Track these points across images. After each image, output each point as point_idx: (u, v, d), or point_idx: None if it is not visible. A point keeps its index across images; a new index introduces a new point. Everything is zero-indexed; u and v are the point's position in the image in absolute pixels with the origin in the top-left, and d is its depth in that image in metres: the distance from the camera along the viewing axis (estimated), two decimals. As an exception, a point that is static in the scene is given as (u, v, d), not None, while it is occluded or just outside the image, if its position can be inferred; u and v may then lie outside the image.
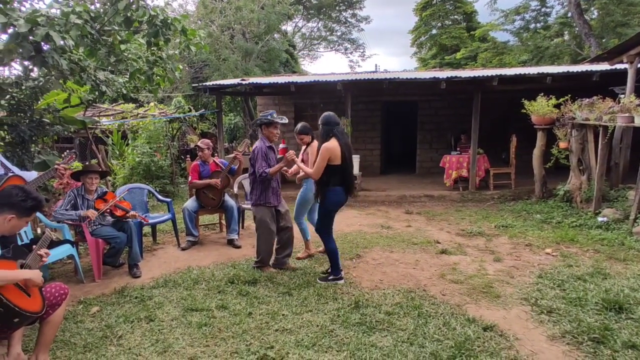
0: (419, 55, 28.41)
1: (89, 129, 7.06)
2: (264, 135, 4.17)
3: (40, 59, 3.09)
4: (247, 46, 14.57)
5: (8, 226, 2.30)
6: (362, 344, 2.81)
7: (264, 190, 4.10)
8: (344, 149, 3.74)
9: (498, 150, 9.33)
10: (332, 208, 3.90)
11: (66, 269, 4.53)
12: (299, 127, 4.42)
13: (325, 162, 3.68)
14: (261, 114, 4.15)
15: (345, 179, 3.82)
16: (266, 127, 4.12)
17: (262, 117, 4.12)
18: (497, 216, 6.51)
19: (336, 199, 3.84)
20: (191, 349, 2.80)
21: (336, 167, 3.72)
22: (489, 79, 7.38)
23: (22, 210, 2.31)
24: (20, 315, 2.16)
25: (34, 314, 2.25)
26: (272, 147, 4.20)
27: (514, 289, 3.71)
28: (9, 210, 2.27)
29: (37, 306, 2.30)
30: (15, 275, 2.15)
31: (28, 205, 2.32)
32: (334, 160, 3.70)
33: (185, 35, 4.07)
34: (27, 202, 2.31)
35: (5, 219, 2.27)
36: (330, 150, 3.67)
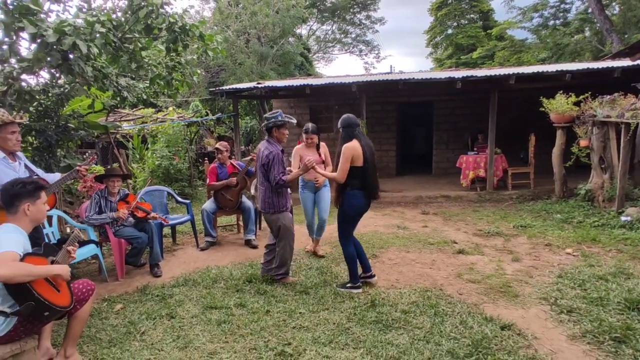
0: (435, 56, 28.18)
1: (110, 134, 7.29)
2: (274, 137, 3.84)
3: (67, 66, 3.24)
4: (263, 50, 14.76)
5: (32, 215, 2.37)
6: (379, 341, 2.83)
7: (282, 195, 3.84)
8: (366, 149, 3.57)
9: (516, 149, 9.17)
10: (352, 213, 3.69)
11: (90, 268, 4.69)
12: (311, 127, 4.43)
13: (349, 164, 3.51)
14: (268, 114, 3.86)
15: (365, 183, 3.61)
16: (277, 129, 3.82)
17: (274, 119, 3.79)
18: (515, 216, 6.41)
19: (356, 203, 3.63)
20: (211, 345, 2.87)
21: (357, 169, 3.55)
22: (506, 77, 7.28)
23: (29, 194, 2.35)
24: (50, 309, 2.26)
25: (63, 308, 2.35)
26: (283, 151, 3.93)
27: (532, 289, 3.66)
28: (20, 201, 2.33)
29: (66, 301, 2.41)
30: (46, 270, 2.25)
31: (30, 188, 2.37)
32: (356, 161, 3.53)
33: (203, 41, 4.19)
34: (27, 187, 2.36)
35: (24, 211, 2.34)
36: (352, 150, 3.51)
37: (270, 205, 3.82)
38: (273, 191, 3.78)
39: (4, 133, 2.97)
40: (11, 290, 2.16)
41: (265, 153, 3.71)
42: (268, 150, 3.72)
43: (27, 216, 2.35)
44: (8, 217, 2.35)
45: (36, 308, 2.19)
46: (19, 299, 2.17)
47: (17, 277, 2.07)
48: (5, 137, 2.98)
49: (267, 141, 3.85)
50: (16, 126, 3.06)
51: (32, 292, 2.17)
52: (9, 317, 2.24)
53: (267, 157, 3.69)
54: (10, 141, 3.01)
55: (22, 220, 2.35)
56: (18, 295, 2.17)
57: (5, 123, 2.97)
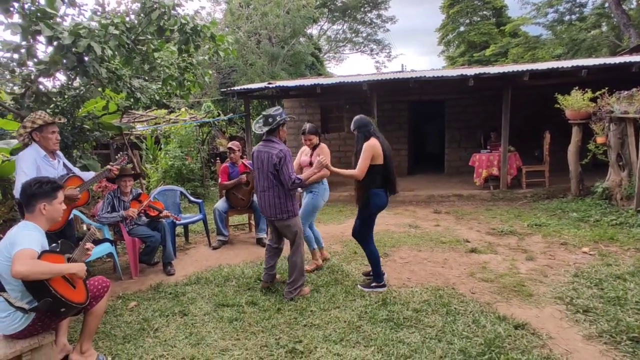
0: (447, 54, 27.94)
1: (124, 135, 7.41)
2: (278, 137, 3.58)
3: (82, 68, 3.31)
4: (273, 51, 14.83)
5: (48, 215, 2.42)
6: (390, 339, 2.82)
7: (294, 197, 3.60)
8: (385, 147, 3.57)
9: (531, 147, 9.02)
10: (375, 211, 3.68)
11: (106, 266, 4.78)
12: (308, 128, 4.16)
13: (369, 161, 3.50)
14: (271, 112, 3.56)
15: (387, 180, 3.63)
16: (281, 128, 3.61)
17: (280, 117, 3.54)
18: (530, 215, 6.31)
19: (380, 202, 3.63)
20: (223, 342, 2.90)
21: (378, 167, 3.54)
22: (519, 74, 7.17)
23: (45, 194, 2.41)
24: (67, 305, 2.31)
25: (79, 305, 2.40)
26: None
27: (547, 288, 3.60)
28: (36, 201, 2.39)
29: (82, 297, 2.46)
30: (62, 268, 2.30)
31: (46, 188, 2.42)
32: (376, 159, 3.52)
33: (214, 41, 4.23)
34: (44, 187, 2.41)
35: (41, 210, 2.39)
36: (374, 148, 3.49)
37: (283, 210, 3.51)
38: (286, 194, 3.50)
39: (46, 133, 3.18)
40: (29, 287, 2.22)
41: (274, 152, 3.42)
42: (276, 149, 3.44)
43: (44, 215, 2.41)
44: (26, 216, 2.42)
45: (53, 304, 2.25)
46: (37, 295, 2.23)
47: (34, 275, 2.13)
48: (46, 136, 3.19)
49: (270, 140, 3.53)
50: (55, 127, 3.27)
51: (49, 288, 2.22)
52: (28, 313, 2.30)
53: (277, 156, 3.41)
54: (51, 140, 3.23)
55: (39, 219, 2.41)
56: (36, 292, 2.23)
57: (47, 123, 3.18)
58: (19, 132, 3.14)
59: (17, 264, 2.09)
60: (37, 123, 3.11)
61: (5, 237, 2.36)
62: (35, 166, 3.09)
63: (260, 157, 3.53)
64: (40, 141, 3.16)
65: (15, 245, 2.20)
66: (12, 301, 2.24)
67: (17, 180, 3.02)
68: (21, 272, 2.07)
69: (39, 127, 3.13)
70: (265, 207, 3.59)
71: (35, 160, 3.10)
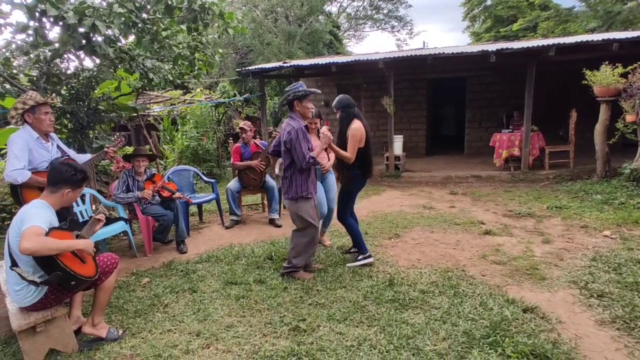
0: (472, 30, 26.77)
1: (141, 116, 7.52)
2: (296, 112, 3.42)
3: (89, 48, 3.33)
4: (290, 29, 14.59)
5: (66, 199, 2.56)
6: (394, 320, 2.80)
7: (305, 180, 3.41)
8: (367, 130, 3.68)
9: (555, 127, 8.65)
10: (355, 191, 3.84)
11: (122, 244, 4.93)
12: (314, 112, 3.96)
13: (358, 144, 3.57)
14: (289, 87, 3.47)
15: (365, 162, 3.70)
16: (299, 102, 3.39)
17: (294, 91, 3.38)
18: (550, 197, 6.09)
19: (359, 183, 3.80)
20: (228, 318, 2.96)
21: (359, 149, 3.62)
22: (545, 49, 6.79)
23: (74, 183, 2.55)
24: (76, 278, 2.39)
25: (89, 278, 2.49)
26: (307, 127, 3.56)
27: (562, 272, 3.49)
28: (64, 185, 2.52)
29: (91, 271, 2.54)
30: (69, 245, 2.37)
31: (79, 177, 2.57)
32: (361, 142, 3.60)
33: (223, 19, 4.16)
34: (77, 175, 2.55)
35: (63, 194, 2.53)
36: (360, 131, 3.58)
37: (290, 190, 3.40)
38: (298, 174, 3.36)
39: (38, 114, 3.11)
40: (39, 262, 2.31)
41: (287, 129, 3.28)
42: (290, 126, 3.29)
43: (63, 199, 2.53)
44: (46, 194, 2.51)
45: (63, 277, 2.33)
46: (47, 270, 2.32)
47: (41, 251, 2.21)
48: (39, 117, 3.12)
49: (289, 117, 3.44)
50: (48, 107, 3.19)
51: (58, 263, 2.30)
52: (40, 287, 2.40)
53: (288, 133, 3.24)
54: (45, 122, 3.15)
55: (56, 200, 2.52)
56: (46, 266, 2.31)
57: (39, 104, 3.11)
58: (11, 114, 3.06)
59: (24, 241, 2.16)
60: (28, 104, 3.04)
61: (17, 214, 2.44)
62: (28, 149, 3.03)
63: (281, 133, 3.46)
64: (33, 123, 3.08)
65: (24, 221, 2.28)
66: (24, 275, 2.34)
67: (8, 164, 2.99)
68: (28, 249, 2.15)
69: (31, 108, 3.05)
70: (286, 187, 3.45)
71: (27, 142, 3.04)
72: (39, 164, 3.15)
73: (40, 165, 3.16)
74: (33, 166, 3.12)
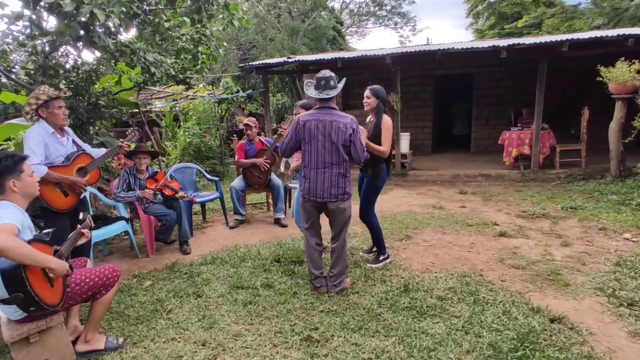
0: (475, 27, 26.51)
1: (143, 112, 7.32)
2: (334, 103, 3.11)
3: (88, 38, 3.15)
4: (294, 25, 14.36)
5: (20, 191, 2.24)
6: (412, 329, 2.63)
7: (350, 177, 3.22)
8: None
9: (566, 125, 8.44)
10: (382, 186, 3.69)
11: (123, 244, 4.76)
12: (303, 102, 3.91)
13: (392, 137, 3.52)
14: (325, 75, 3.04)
15: (390, 157, 3.65)
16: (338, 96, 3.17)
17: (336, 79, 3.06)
18: (564, 197, 5.91)
19: (385, 177, 3.66)
20: (236, 326, 2.79)
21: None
22: (558, 44, 6.58)
23: (10, 170, 2.20)
24: (38, 305, 2.09)
25: (51, 307, 2.16)
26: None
27: (586, 278, 3.31)
28: (4, 178, 2.19)
29: (56, 299, 2.22)
30: (44, 259, 2.07)
31: (9, 163, 2.21)
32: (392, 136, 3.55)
33: (227, 10, 3.98)
34: (5, 162, 2.20)
35: (11, 188, 2.20)
36: (392, 124, 3.51)
37: (345, 191, 3.06)
38: (349, 172, 3.09)
39: (52, 108, 3.04)
40: (5, 276, 2.01)
41: (346, 121, 2.95)
42: (346, 117, 2.99)
43: (16, 192, 2.22)
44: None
45: (24, 300, 2.04)
46: (11, 287, 2.02)
47: (11, 252, 1.90)
48: (53, 112, 3.05)
49: (330, 107, 3.02)
50: (61, 101, 3.12)
51: (25, 283, 2.01)
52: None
53: (351, 125, 2.95)
54: (59, 116, 3.09)
55: (14, 197, 2.21)
56: (11, 283, 2.02)
57: (52, 98, 3.03)
58: (25, 110, 3.01)
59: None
60: (41, 99, 2.97)
61: None
62: (44, 144, 2.98)
63: (319, 127, 2.96)
64: (47, 117, 3.03)
65: None
66: None
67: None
68: (1, 245, 1.86)
69: (45, 103, 2.99)
70: (320, 187, 3.01)
71: (43, 137, 2.98)
72: (55, 159, 3.10)
73: (57, 160, 3.11)
74: (49, 161, 3.06)
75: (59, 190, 3.09)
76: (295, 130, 3.06)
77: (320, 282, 3.23)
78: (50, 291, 2.19)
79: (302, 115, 3.08)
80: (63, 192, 3.11)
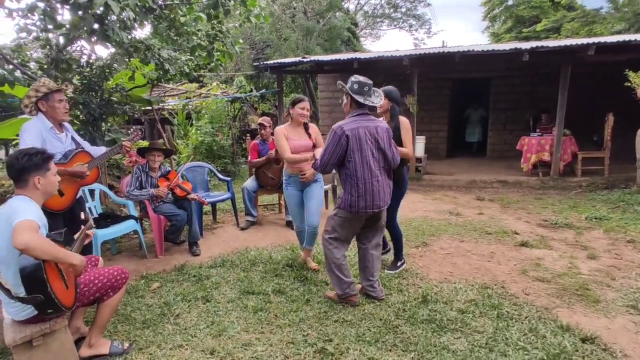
0: (492, 30, 26.13)
1: (156, 110, 7.29)
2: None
3: (102, 32, 3.07)
4: (309, 25, 14.27)
5: (43, 188, 2.18)
6: (432, 345, 2.48)
7: None
8: None
9: (587, 131, 8.18)
10: (405, 190, 3.59)
11: (132, 243, 4.68)
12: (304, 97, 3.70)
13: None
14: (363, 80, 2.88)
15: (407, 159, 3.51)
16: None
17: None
18: (587, 206, 5.68)
19: (407, 181, 3.61)
20: (246, 334, 2.66)
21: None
22: (583, 47, 6.35)
23: (37, 166, 2.15)
24: (56, 307, 2.01)
25: (67, 309, 2.09)
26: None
27: (617, 294, 3.11)
28: (29, 174, 2.13)
29: (70, 300, 2.14)
30: (67, 255, 2.03)
31: (38, 159, 2.16)
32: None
33: (244, 6, 3.87)
34: (35, 158, 2.15)
35: (35, 184, 2.15)
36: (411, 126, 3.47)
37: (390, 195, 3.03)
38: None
39: (52, 102, 2.92)
40: (26, 276, 1.92)
41: (385, 124, 2.95)
42: (382, 120, 3.01)
43: (39, 190, 2.16)
44: (18, 192, 2.15)
45: (43, 303, 1.96)
46: (32, 288, 1.94)
47: (36, 250, 1.85)
48: (53, 105, 2.93)
49: (368, 114, 2.92)
50: (62, 94, 3.01)
51: (46, 285, 1.94)
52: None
53: (389, 128, 2.97)
54: (59, 109, 2.96)
55: (34, 194, 2.15)
56: (31, 283, 1.94)
57: (52, 91, 2.91)
58: (24, 102, 2.88)
59: (20, 234, 1.83)
60: (41, 91, 2.84)
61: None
62: (41, 139, 2.84)
63: (367, 135, 2.81)
64: (47, 111, 2.90)
65: (15, 215, 1.93)
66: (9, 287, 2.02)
67: None
68: (25, 242, 1.82)
69: (45, 96, 2.86)
70: (377, 197, 2.87)
71: (40, 132, 2.85)
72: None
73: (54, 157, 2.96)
74: None
75: None
76: (339, 142, 2.78)
77: (354, 289, 3.05)
78: (66, 292, 2.11)
79: (344, 125, 2.80)
80: (59, 191, 3.01)
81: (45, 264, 1.97)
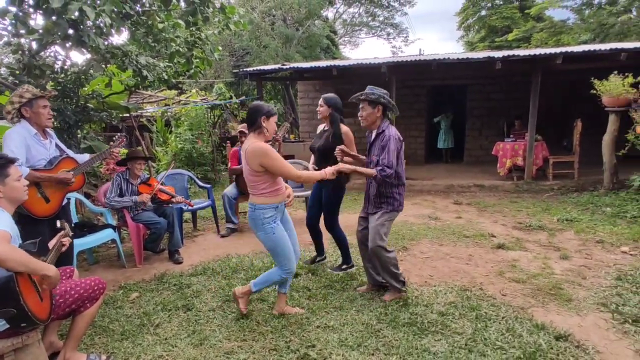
0: (466, 39, 26.92)
1: (134, 117, 7.16)
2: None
3: (77, 37, 3.01)
4: (288, 32, 14.35)
5: (6, 196, 2.08)
6: (414, 347, 2.51)
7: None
8: None
9: (558, 136, 8.51)
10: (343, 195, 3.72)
11: (110, 253, 4.57)
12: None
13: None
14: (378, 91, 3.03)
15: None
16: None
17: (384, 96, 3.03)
18: (559, 209, 5.89)
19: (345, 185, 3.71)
20: (228, 343, 2.63)
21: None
22: (552, 56, 6.64)
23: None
24: (30, 321, 1.93)
25: (41, 322, 2.00)
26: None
27: (587, 292, 3.24)
28: None
29: (45, 313, 2.05)
30: (41, 266, 1.96)
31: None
32: None
33: (224, 13, 3.88)
34: None
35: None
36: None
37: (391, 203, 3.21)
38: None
39: (36, 108, 2.88)
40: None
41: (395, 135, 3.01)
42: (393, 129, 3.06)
43: (2, 198, 2.07)
44: None
45: (15, 317, 1.88)
46: (2, 302, 1.86)
47: (9, 262, 1.78)
48: (37, 111, 2.89)
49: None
50: (46, 100, 2.97)
51: (19, 298, 1.86)
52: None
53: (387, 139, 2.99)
54: (43, 115, 2.93)
55: (0, 202, 2.06)
56: (2, 296, 1.86)
57: (37, 97, 2.88)
58: (7, 109, 2.83)
59: None
60: (25, 97, 2.80)
61: None
62: (25, 145, 2.80)
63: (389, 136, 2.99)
64: (31, 117, 2.87)
65: None
66: None
67: None
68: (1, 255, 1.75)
69: (29, 102, 2.82)
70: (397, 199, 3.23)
71: (24, 139, 2.81)
72: (37, 162, 2.92)
73: (38, 164, 2.93)
74: (30, 164, 2.88)
75: (40, 196, 2.91)
76: (400, 147, 3.03)
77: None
78: (40, 305, 2.03)
79: (394, 131, 3.03)
80: (45, 198, 2.94)
81: (18, 275, 1.90)
